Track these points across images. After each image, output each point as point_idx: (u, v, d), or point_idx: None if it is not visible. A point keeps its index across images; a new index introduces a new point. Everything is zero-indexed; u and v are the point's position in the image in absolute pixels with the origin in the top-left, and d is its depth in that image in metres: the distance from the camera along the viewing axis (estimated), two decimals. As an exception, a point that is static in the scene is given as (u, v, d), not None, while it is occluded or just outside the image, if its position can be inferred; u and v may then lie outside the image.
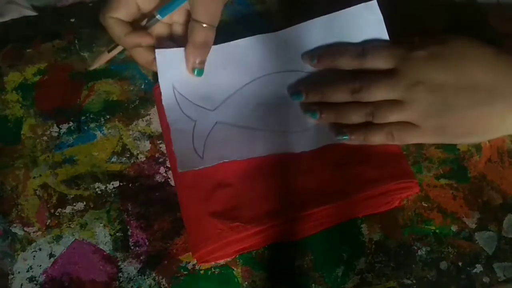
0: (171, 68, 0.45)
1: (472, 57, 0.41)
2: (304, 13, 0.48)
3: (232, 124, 0.45)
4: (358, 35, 0.46)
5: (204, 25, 0.43)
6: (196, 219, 0.42)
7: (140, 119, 0.49)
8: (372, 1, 0.46)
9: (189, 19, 0.44)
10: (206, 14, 0.43)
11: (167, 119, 0.45)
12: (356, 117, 0.43)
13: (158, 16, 0.45)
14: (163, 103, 0.45)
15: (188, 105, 0.45)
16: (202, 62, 0.45)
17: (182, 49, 0.45)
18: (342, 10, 0.47)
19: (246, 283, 0.43)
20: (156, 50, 0.45)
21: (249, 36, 0.48)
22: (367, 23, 0.46)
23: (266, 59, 0.47)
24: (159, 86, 0.46)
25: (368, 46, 0.44)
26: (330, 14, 0.47)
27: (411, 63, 0.42)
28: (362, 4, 0.46)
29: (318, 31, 0.47)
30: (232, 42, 0.47)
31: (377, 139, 0.43)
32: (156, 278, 0.43)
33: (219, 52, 0.46)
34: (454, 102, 0.40)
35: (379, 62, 0.43)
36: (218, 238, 0.41)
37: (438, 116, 0.40)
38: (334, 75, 0.45)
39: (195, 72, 0.45)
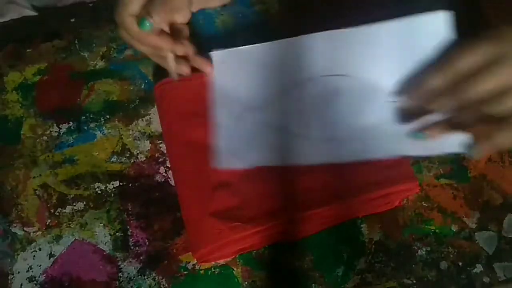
0: (226, 69, 0.45)
1: None
2: (304, 13, 0.48)
3: (276, 127, 0.44)
4: (424, 45, 0.42)
5: None
6: (196, 219, 0.42)
7: (140, 119, 0.49)
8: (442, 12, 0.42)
9: None
10: None
11: (212, 117, 0.44)
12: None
13: None
14: (215, 102, 0.45)
15: (235, 106, 0.45)
16: None
17: (236, 49, 0.45)
18: (409, 17, 0.43)
19: (246, 283, 0.42)
20: (213, 53, 0.45)
21: (248, 36, 0.47)
22: (434, 34, 0.42)
23: (318, 60, 0.45)
24: (160, 86, 0.46)
25: (449, 54, 0.39)
26: (393, 20, 0.43)
27: (508, 44, 0.37)
28: (432, 13, 0.42)
29: (375, 37, 0.43)
30: (282, 40, 0.45)
31: (508, 140, 0.38)
32: (156, 278, 0.43)
33: (271, 51, 0.45)
34: None
35: (471, 57, 0.38)
36: (218, 238, 0.41)
37: None
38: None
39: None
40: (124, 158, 0.47)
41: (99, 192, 0.46)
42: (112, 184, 0.46)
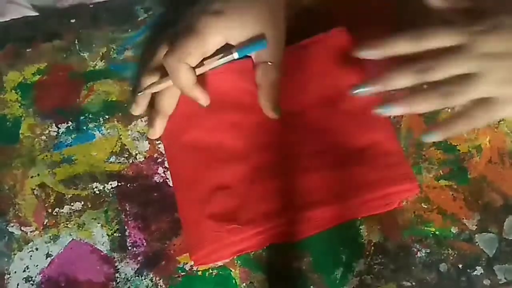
0: None
1: None
2: (304, 10, 0.47)
3: None
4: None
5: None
6: (193, 222, 0.42)
7: (139, 119, 0.48)
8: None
9: None
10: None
11: None
12: (429, 103, 0.40)
13: (235, 55, 0.42)
14: None
15: None
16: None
17: None
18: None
19: (244, 284, 0.42)
20: None
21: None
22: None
23: None
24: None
25: (423, 28, 0.40)
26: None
27: (475, 36, 0.39)
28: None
29: None
30: None
31: (464, 127, 0.40)
32: (154, 279, 0.43)
33: None
34: None
35: (440, 40, 0.40)
36: (216, 240, 0.41)
37: None
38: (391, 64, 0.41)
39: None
40: (123, 158, 0.47)
41: (97, 192, 0.46)
42: (110, 184, 0.46)
